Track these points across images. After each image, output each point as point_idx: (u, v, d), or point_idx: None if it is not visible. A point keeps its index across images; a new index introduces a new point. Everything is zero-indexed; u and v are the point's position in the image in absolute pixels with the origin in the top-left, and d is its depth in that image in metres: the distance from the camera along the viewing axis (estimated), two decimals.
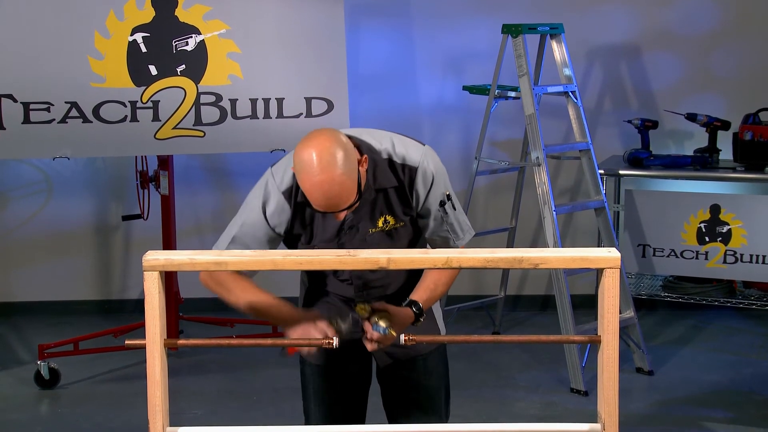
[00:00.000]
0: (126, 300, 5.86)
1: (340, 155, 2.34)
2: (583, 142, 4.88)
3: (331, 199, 2.35)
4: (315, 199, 2.36)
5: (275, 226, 2.55)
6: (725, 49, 5.62)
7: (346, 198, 2.37)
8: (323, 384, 2.79)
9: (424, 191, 2.54)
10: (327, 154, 2.32)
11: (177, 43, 4.61)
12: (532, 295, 5.91)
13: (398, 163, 2.53)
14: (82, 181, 5.72)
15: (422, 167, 2.53)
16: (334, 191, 2.34)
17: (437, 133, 5.73)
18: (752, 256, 5.11)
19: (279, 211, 2.54)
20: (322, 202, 2.36)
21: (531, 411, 4.41)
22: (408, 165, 2.53)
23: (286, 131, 4.67)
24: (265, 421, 4.20)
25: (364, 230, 2.57)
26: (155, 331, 2.00)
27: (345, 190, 2.35)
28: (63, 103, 4.53)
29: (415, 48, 5.68)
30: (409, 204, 2.56)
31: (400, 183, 2.54)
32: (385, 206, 2.56)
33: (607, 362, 2.00)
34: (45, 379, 4.69)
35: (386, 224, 2.58)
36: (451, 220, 2.59)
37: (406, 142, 2.57)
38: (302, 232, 2.59)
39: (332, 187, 2.33)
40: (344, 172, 2.33)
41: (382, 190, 2.54)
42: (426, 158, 2.54)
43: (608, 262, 1.97)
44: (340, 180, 2.33)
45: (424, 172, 2.53)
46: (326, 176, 2.32)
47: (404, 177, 2.53)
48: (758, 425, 4.23)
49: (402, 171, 2.53)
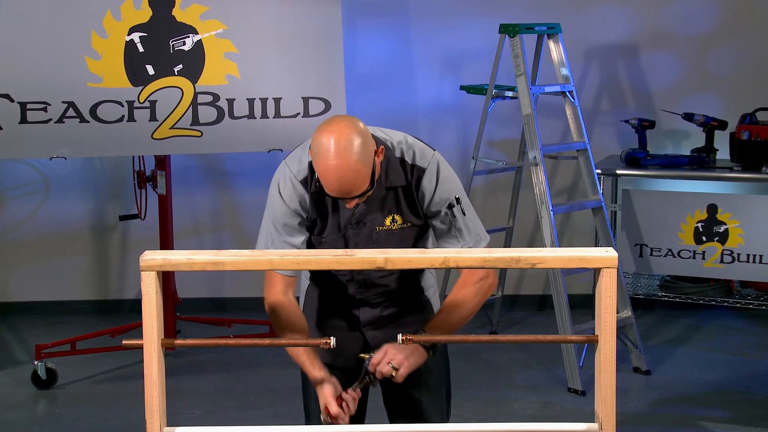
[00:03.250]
0: (123, 300, 5.86)
1: (358, 142, 2.36)
2: (581, 142, 4.88)
3: (345, 185, 2.37)
4: (328, 183, 2.38)
5: (299, 212, 2.57)
6: (722, 49, 5.62)
7: (359, 185, 2.39)
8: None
9: (429, 192, 2.56)
10: (345, 139, 2.35)
11: (174, 42, 4.60)
12: (530, 295, 5.91)
13: (408, 163, 2.56)
14: (80, 181, 5.72)
15: (430, 169, 2.55)
16: (348, 177, 2.36)
17: (434, 132, 5.73)
18: (749, 256, 5.12)
19: (299, 199, 2.56)
20: (336, 186, 2.38)
21: (528, 411, 4.41)
22: (417, 166, 2.56)
23: (284, 131, 4.67)
24: (262, 421, 4.20)
25: (371, 227, 2.59)
26: (152, 331, 2.00)
27: (359, 177, 2.37)
28: (60, 103, 4.53)
29: (413, 47, 5.68)
30: (416, 204, 2.58)
31: (408, 183, 2.56)
32: (394, 205, 2.58)
33: (604, 362, 2.00)
34: (42, 379, 4.69)
35: (394, 223, 2.60)
36: (459, 225, 2.59)
37: (418, 144, 2.60)
38: (318, 222, 2.61)
39: (347, 172, 2.35)
40: (360, 159, 2.36)
41: (392, 189, 2.56)
42: (435, 161, 2.57)
43: (605, 262, 1.97)
44: (355, 167, 2.35)
45: (432, 174, 2.55)
46: (342, 161, 2.34)
47: (412, 178, 2.56)
48: (755, 424, 4.24)
49: (411, 171, 2.56)
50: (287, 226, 2.58)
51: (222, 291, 5.84)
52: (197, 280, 5.73)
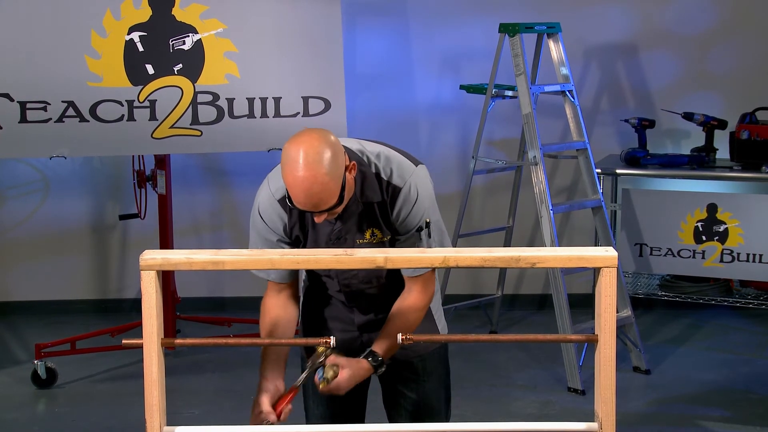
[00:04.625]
0: (123, 299, 5.85)
1: (327, 155, 2.31)
2: (580, 141, 4.88)
3: (312, 197, 2.32)
4: (295, 195, 2.34)
5: (278, 230, 2.56)
6: (722, 48, 5.62)
7: (326, 199, 2.34)
8: None
9: (404, 213, 2.52)
10: (314, 151, 2.30)
11: (174, 42, 4.60)
12: (530, 295, 5.91)
13: (384, 179, 2.51)
14: (79, 180, 5.72)
15: (405, 189, 2.50)
16: (314, 189, 2.31)
17: (434, 132, 5.73)
18: (749, 255, 5.12)
19: (277, 218, 2.54)
20: (302, 198, 2.33)
21: (528, 410, 4.41)
22: (393, 184, 2.51)
23: (284, 130, 4.66)
24: None
25: (351, 241, 2.56)
26: (152, 331, 2.00)
27: (327, 190, 2.32)
28: (60, 103, 4.52)
29: (412, 47, 5.68)
30: (390, 221, 2.55)
31: (383, 199, 2.52)
32: (373, 220, 2.54)
33: (604, 361, 2.00)
34: (42, 379, 4.69)
35: (374, 237, 2.56)
36: (423, 246, 2.53)
37: (397, 160, 2.54)
38: (300, 239, 2.59)
39: (313, 185, 2.30)
40: (328, 172, 2.31)
41: (368, 204, 2.52)
42: (413, 180, 2.51)
43: (605, 261, 1.98)
44: (322, 179, 2.30)
45: (407, 195, 2.50)
46: (309, 173, 2.29)
47: (387, 195, 2.52)
48: (754, 424, 4.24)
49: (387, 188, 2.51)
50: (268, 241, 2.57)
51: (222, 290, 5.84)
52: (197, 280, 5.73)
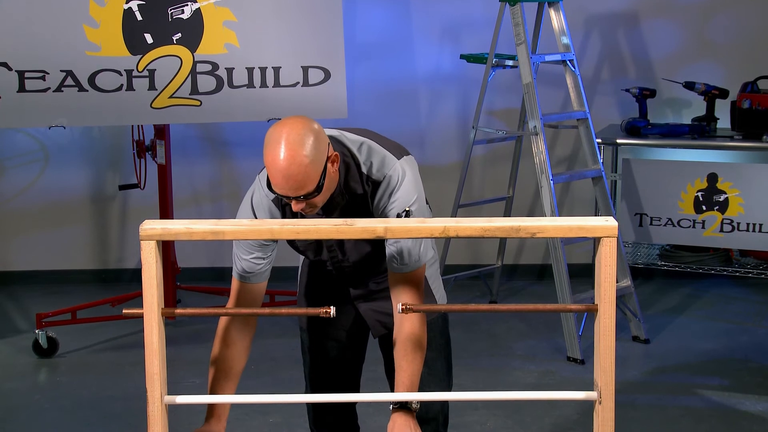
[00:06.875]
0: (123, 269, 5.86)
1: (309, 140, 2.31)
2: (581, 111, 4.87)
3: (290, 180, 2.30)
4: (274, 176, 2.32)
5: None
6: (724, 17, 5.59)
7: (304, 183, 2.31)
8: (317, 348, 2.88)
9: (382, 205, 2.50)
10: (296, 134, 2.30)
11: (173, 11, 4.57)
12: (529, 265, 5.91)
13: (364, 173, 2.50)
14: (79, 150, 5.71)
15: (383, 185, 2.49)
16: (292, 171, 2.28)
17: (434, 102, 5.72)
18: (749, 225, 5.12)
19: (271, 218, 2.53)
20: (281, 181, 2.31)
21: (528, 380, 4.43)
22: (372, 179, 2.50)
23: (283, 100, 4.65)
24: (262, 390, 4.21)
25: None
26: (153, 300, 2.00)
27: (305, 174, 2.30)
28: (58, 72, 4.51)
29: (412, 16, 5.65)
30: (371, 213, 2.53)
31: (363, 192, 2.52)
32: (359, 211, 2.53)
33: (603, 331, 2.00)
34: (43, 348, 4.71)
35: None
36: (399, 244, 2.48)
37: (380, 154, 2.52)
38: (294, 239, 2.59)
39: (292, 165, 2.28)
40: (308, 155, 2.29)
41: (353, 195, 2.52)
42: (393, 173, 2.49)
43: (605, 231, 1.97)
44: (302, 160, 2.29)
45: (385, 189, 2.49)
46: (289, 153, 2.28)
47: (368, 188, 2.51)
48: (753, 392, 4.26)
49: (366, 182, 2.51)
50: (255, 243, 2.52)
51: (222, 260, 5.84)
52: (197, 250, 5.73)
